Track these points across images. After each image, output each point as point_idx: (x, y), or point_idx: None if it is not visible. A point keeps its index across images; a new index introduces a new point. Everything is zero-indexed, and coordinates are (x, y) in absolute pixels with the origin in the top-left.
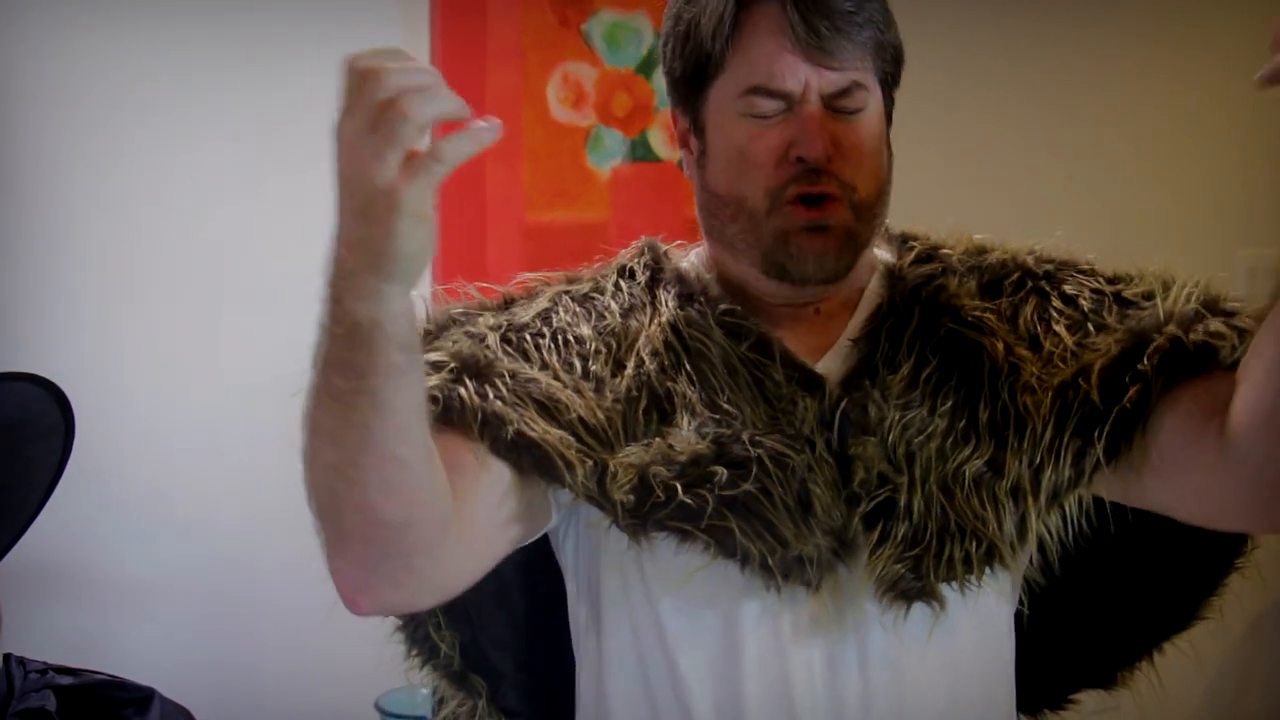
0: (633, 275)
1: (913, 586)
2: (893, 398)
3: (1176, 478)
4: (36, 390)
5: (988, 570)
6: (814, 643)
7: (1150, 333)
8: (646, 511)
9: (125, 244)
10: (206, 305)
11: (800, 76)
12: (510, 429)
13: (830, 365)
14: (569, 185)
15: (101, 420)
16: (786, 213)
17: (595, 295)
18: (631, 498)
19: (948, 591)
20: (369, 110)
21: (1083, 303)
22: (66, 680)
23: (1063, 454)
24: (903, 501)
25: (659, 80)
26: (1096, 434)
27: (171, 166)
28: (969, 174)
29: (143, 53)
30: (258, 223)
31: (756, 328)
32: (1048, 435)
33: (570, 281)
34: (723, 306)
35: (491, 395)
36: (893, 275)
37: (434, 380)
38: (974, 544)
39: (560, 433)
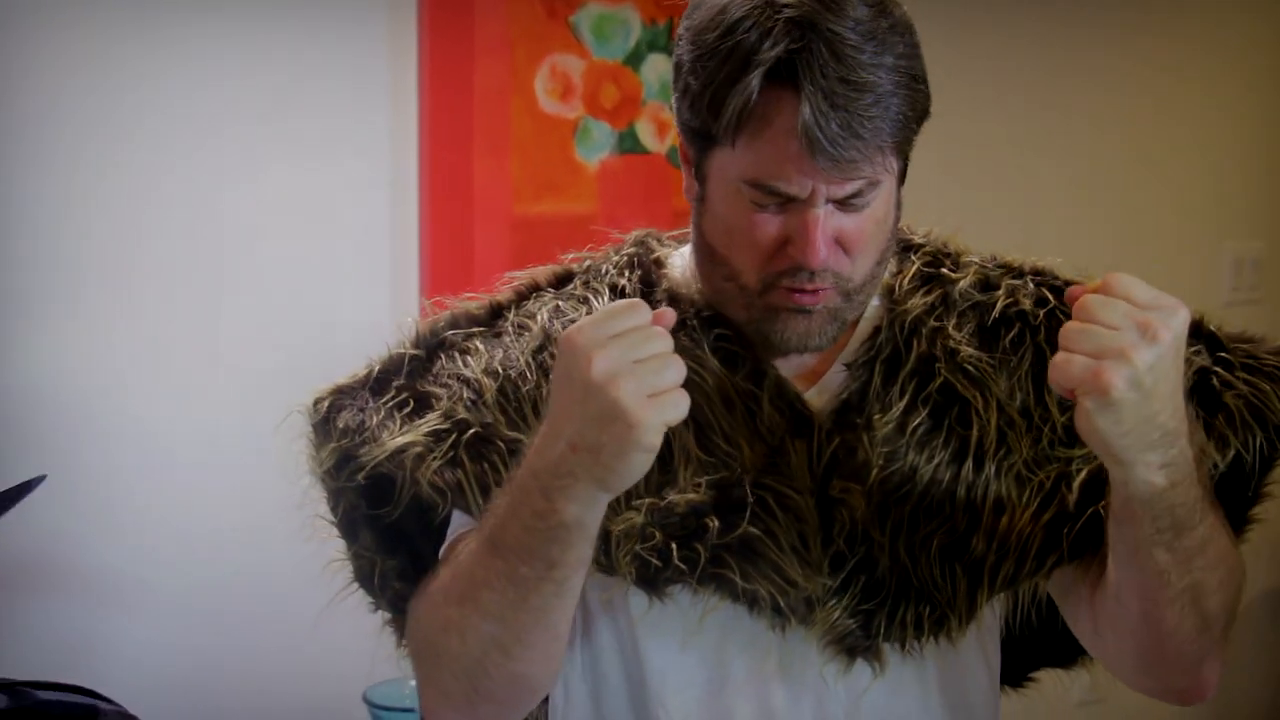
0: (624, 293)
1: (860, 643)
2: (878, 444)
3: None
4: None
5: (933, 640)
6: (802, 681)
7: None
8: (652, 575)
9: (125, 244)
10: (206, 304)
11: (808, 184)
12: None
13: (825, 393)
14: (557, 177)
15: (99, 419)
16: (778, 294)
17: None
18: (633, 569)
19: (892, 652)
20: (637, 354)
21: None
22: (3, 702)
23: (1029, 545)
24: (870, 554)
25: (647, 72)
26: (1066, 531)
27: (171, 166)
28: (962, 170)
29: (140, 54)
30: (258, 221)
31: (751, 356)
32: (1018, 526)
33: (559, 283)
34: (717, 332)
35: (493, 484)
36: (891, 296)
37: (436, 461)
38: (927, 609)
39: None
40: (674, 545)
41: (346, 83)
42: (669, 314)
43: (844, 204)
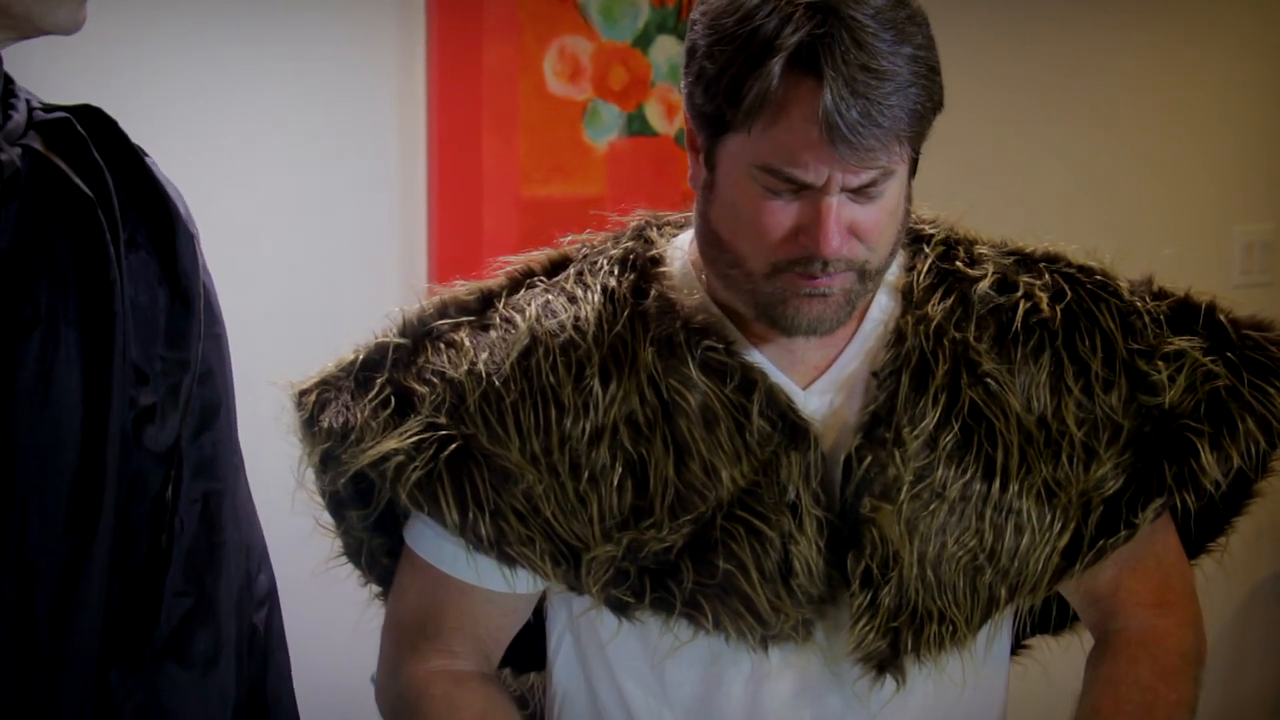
0: (614, 297)
1: (888, 660)
2: (910, 459)
3: None
4: None
5: (943, 652)
6: (803, 692)
7: (1154, 466)
8: (623, 606)
9: None
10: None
11: (824, 171)
12: (492, 554)
13: (826, 395)
14: (565, 159)
15: None
16: (787, 279)
17: (576, 337)
18: (603, 597)
19: (911, 665)
20: None
21: (1095, 382)
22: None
23: (1045, 566)
24: (900, 574)
25: (656, 54)
26: (1080, 556)
27: (171, 169)
28: (967, 158)
29: (142, 55)
30: (263, 205)
31: (740, 365)
32: (1038, 548)
33: (554, 269)
34: (706, 344)
35: (470, 500)
36: (907, 299)
37: (416, 472)
38: (948, 628)
39: (536, 540)
40: (648, 583)
41: (355, 65)
42: None
43: (858, 193)
